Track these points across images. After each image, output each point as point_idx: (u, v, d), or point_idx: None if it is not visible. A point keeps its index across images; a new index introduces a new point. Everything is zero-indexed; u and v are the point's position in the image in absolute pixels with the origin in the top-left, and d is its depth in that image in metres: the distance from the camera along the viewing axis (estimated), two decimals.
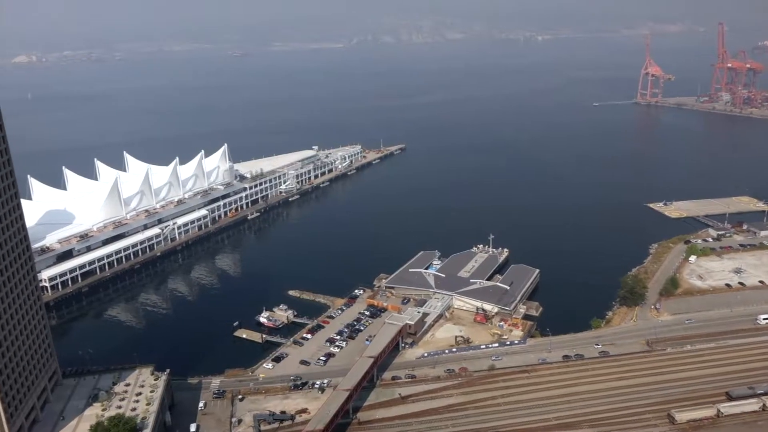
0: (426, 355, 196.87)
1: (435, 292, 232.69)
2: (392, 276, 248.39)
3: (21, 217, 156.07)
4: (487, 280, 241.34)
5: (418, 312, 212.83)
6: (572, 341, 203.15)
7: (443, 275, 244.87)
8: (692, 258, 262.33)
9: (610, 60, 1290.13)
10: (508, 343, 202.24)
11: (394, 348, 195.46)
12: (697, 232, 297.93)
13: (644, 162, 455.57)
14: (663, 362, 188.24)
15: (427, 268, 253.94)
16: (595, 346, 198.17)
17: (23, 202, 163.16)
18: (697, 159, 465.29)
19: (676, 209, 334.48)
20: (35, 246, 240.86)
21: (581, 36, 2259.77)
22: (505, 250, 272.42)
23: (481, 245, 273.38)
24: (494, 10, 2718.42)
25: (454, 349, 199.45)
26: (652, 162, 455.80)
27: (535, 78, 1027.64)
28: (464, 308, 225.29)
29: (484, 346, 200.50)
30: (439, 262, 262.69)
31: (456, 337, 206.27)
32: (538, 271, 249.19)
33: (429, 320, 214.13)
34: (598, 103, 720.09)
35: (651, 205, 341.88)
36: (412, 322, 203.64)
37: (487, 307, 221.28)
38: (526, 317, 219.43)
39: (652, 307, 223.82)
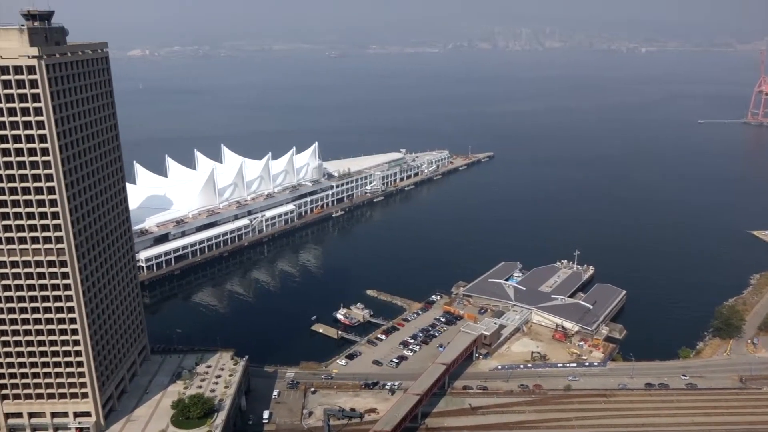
0: (500, 367, 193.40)
1: (514, 304, 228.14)
2: (471, 284, 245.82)
3: (125, 200, 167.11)
4: (570, 297, 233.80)
5: (495, 323, 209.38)
6: (657, 369, 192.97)
7: (523, 288, 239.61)
8: None
9: (720, 76, 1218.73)
10: (587, 364, 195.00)
11: (467, 357, 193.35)
12: None
13: (751, 186, 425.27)
14: (757, 402, 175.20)
15: (507, 280, 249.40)
16: (682, 377, 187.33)
17: (128, 186, 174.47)
18: None
19: None
20: (135, 228, 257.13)
21: (689, 49, 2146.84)
22: (591, 267, 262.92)
23: (566, 261, 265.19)
24: (597, 19, 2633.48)
25: (530, 365, 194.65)
26: (760, 187, 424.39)
27: (637, 91, 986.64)
28: (543, 324, 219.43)
29: (561, 365, 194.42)
30: (520, 274, 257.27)
31: (532, 352, 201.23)
32: (624, 292, 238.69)
33: (505, 332, 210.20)
34: (704, 120, 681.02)
35: (755, 233, 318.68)
36: (488, 333, 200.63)
37: (568, 325, 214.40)
38: (608, 339, 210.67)
39: (749, 341, 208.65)
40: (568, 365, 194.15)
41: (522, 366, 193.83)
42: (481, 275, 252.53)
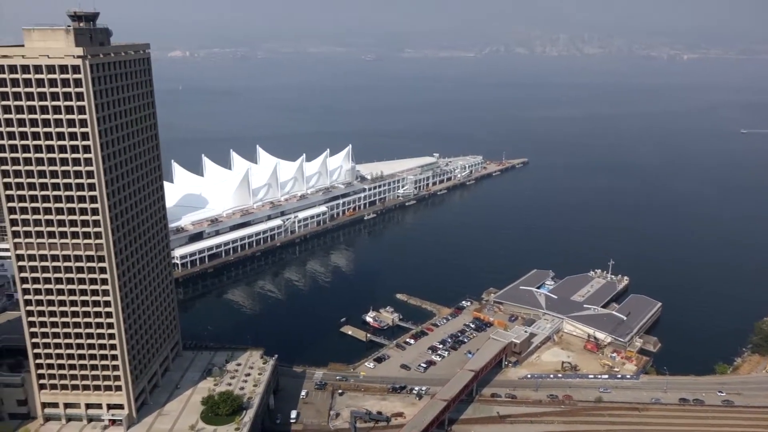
0: (529, 376, 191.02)
1: (545, 313, 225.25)
2: (502, 291, 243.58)
3: (162, 198, 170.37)
4: (603, 307, 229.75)
5: (525, 331, 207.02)
6: (692, 384, 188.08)
7: (555, 297, 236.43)
8: None
9: (764, 84, 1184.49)
10: (619, 376, 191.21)
11: (496, 365, 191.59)
12: None
13: None
14: None
15: (539, 288, 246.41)
16: (718, 393, 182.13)
17: (165, 184, 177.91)
18: None
19: None
20: (171, 225, 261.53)
21: (733, 57, 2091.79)
22: (625, 278, 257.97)
23: (599, 270, 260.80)
24: (636, 25, 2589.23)
25: (560, 375, 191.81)
26: None
27: (677, 99, 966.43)
28: (574, 333, 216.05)
29: (592, 376, 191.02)
30: (553, 282, 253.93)
31: (563, 362, 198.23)
32: (660, 304, 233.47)
33: (536, 341, 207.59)
34: (747, 130, 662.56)
35: None
36: (518, 341, 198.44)
37: (600, 335, 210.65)
38: (642, 352, 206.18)
39: None
40: (599, 377, 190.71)
41: (552, 376, 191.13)
42: (513, 282, 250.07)
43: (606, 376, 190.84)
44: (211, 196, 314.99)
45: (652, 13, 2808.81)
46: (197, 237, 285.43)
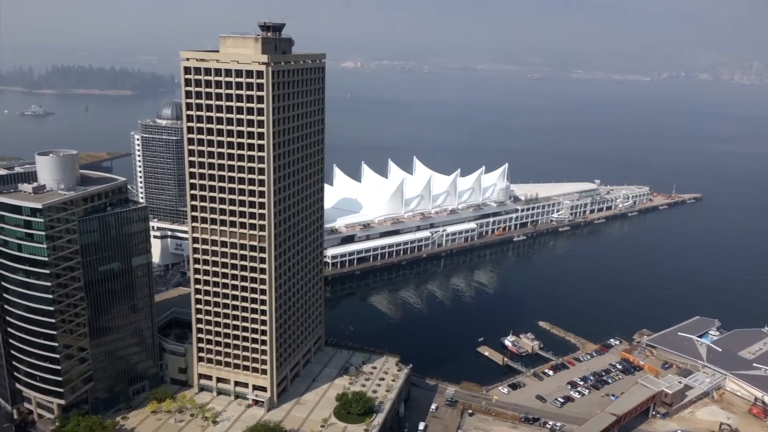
0: (679, 431, 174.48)
1: (705, 365, 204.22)
2: (657, 335, 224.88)
3: (322, 199, 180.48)
4: None
5: (680, 382, 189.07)
6: None
7: (719, 349, 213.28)
8: None
9: None
10: None
11: (642, 413, 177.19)
12: None
13: None
14: None
15: (700, 337, 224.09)
16: None
17: (325, 187, 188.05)
18: None
19: None
20: (327, 226, 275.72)
21: None
22: None
23: None
24: None
25: None
26: None
27: None
28: (738, 394, 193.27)
29: None
30: (718, 333, 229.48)
31: (722, 424, 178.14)
32: None
33: (691, 395, 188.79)
34: None
35: None
36: (670, 391, 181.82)
37: None
38: None
39: None
40: None
41: None
42: (670, 327, 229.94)
43: None
44: (366, 201, 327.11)
45: None
46: (349, 239, 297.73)
